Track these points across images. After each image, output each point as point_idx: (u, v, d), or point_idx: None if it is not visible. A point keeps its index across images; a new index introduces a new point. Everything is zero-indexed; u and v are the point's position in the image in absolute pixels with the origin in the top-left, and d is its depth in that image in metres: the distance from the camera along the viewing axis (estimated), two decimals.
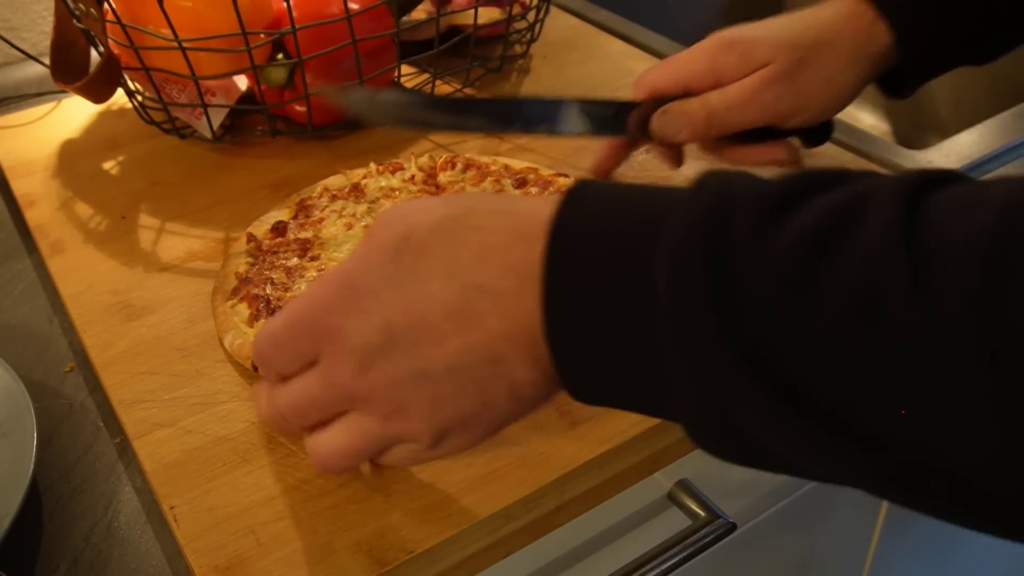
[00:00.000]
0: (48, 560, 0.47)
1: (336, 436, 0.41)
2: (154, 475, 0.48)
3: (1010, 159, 0.72)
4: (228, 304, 0.57)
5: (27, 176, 0.74)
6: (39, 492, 0.50)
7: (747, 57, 0.56)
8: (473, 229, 0.37)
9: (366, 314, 0.38)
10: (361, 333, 0.38)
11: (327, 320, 0.39)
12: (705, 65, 0.57)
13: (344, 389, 0.39)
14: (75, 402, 0.56)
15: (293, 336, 0.40)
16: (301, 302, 0.40)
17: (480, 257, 0.37)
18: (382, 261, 0.38)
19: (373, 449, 0.40)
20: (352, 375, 0.38)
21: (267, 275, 0.58)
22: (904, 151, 0.72)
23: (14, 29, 0.94)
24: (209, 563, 0.44)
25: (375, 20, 0.72)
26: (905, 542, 0.85)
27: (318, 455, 0.41)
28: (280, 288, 0.56)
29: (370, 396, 0.38)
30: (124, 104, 0.81)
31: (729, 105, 0.56)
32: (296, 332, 0.40)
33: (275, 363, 0.41)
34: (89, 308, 0.60)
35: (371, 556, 0.44)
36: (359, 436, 0.40)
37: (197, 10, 0.67)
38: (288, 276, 0.57)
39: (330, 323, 0.39)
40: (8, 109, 0.84)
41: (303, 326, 0.40)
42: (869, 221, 0.29)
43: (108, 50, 0.69)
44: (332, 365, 0.39)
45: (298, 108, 0.74)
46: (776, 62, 0.56)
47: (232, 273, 0.59)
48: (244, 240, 0.62)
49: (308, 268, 0.58)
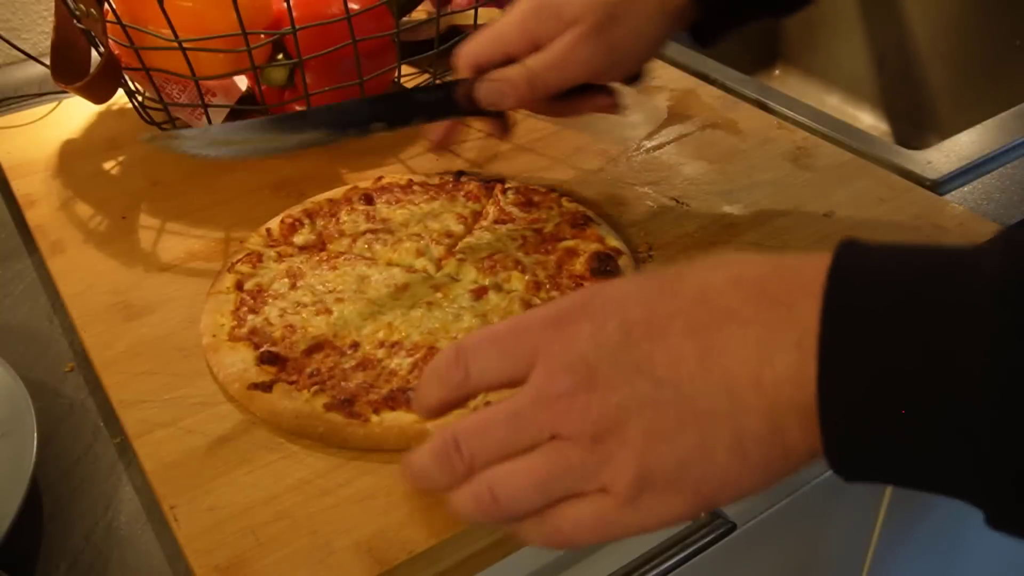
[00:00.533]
0: (48, 560, 0.47)
1: (529, 461, 0.37)
2: (154, 475, 0.48)
3: (1010, 159, 0.72)
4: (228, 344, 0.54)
5: (27, 176, 0.74)
6: (39, 492, 0.50)
7: (557, 18, 0.57)
8: (738, 262, 0.37)
9: (604, 315, 0.36)
10: (593, 335, 0.36)
11: (561, 320, 0.37)
12: (519, 31, 0.58)
13: (556, 403, 0.36)
14: (75, 402, 0.56)
15: (515, 334, 0.38)
16: (531, 312, 0.39)
17: (736, 284, 0.35)
18: (636, 280, 0.38)
19: (563, 482, 0.36)
20: (571, 385, 0.36)
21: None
22: (904, 151, 0.72)
23: (14, 29, 0.94)
24: (209, 563, 0.44)
25: (375, 20, 0.72)
26: (905, 542, 0.85)
27: (497, 481, 0.37)
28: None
29: (585, 411, 0.36)
30: (124, 104, 0.81)
31: (548, 66, 0.57)
32: (519, 330, 0.38)
33: (477, 359, 0.39)
34: (89, 308, 0.60)
35: (371, 556, 0.44)
36: (554, 461, 0.36)
37: (197, 10, 0.67)
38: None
39: (562, 323, 0.37)
40: (8, 109, 0.84)
41: (537, 322, 0.38)
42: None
43: (108, 50, 0.69)
44: (550, 372, 0.37)
45: (298, 108, 0.74)
46: (585, 20, 0.56)
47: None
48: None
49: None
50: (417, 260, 0.60)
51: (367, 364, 0.52)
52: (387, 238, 0.62)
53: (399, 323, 0.54)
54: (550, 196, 0.66)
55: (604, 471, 0.36)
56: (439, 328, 0.54)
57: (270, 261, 0.60)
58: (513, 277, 0.58)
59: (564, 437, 0.36)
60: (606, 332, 0.36)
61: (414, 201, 0.66)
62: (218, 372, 0.53)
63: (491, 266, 0.59)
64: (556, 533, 0.37)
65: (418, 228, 0.63)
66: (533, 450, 0.37)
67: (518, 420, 0.37)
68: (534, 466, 0.37)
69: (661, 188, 0.69)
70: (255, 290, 0.57)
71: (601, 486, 0.36)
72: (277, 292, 0.57)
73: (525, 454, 0.37)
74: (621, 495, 0.36)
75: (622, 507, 0.36)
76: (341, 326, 0.54)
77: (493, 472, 0.38)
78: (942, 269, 0.32)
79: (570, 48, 0.57)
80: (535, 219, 0.64)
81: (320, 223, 0.63)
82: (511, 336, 0.39)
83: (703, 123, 0.76)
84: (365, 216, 0.64)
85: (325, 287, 0.57)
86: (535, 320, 0.39)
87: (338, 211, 0.65)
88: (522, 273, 0.58)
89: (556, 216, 0.64)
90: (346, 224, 0.63)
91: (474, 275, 0.59)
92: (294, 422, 0.49)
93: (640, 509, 0.36)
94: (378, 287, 0.57)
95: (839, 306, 0.33)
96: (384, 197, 0.66)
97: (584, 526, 0.37)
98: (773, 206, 0.66)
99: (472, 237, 0.62)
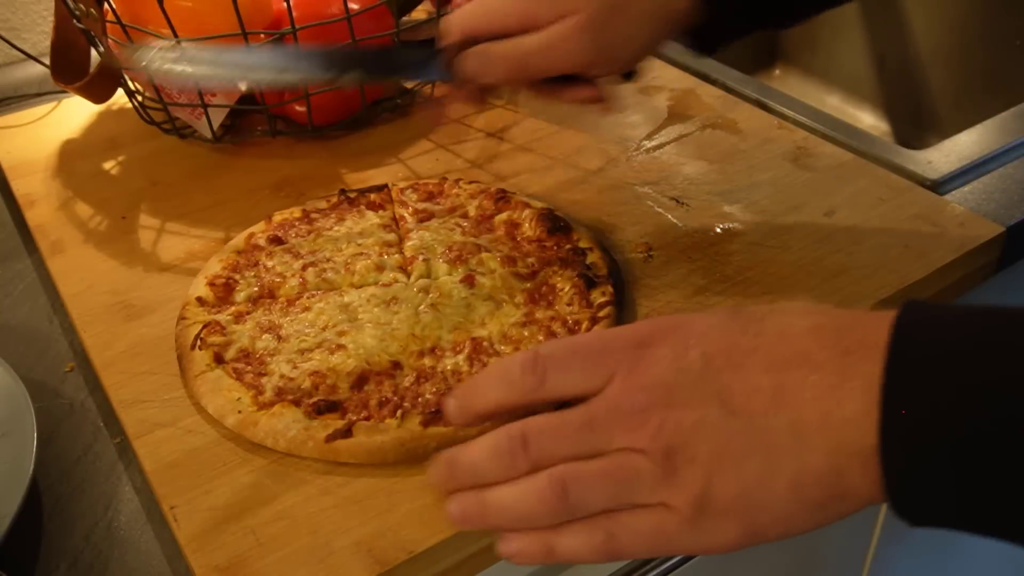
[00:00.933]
0: (48, 560, 0.47)
1: (601, 462, 0.38)
2: (154, 475, 0.48)
3: (1010, 159, 0.72)
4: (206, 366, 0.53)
5: (27, 176, 0.74)
6: (39, 492, 0.50)
7: (558, 4, 0.56)
8: (819, 312, 0.39)
9: (685, 344, 0.38)
10: (674, 360, 0.38)
11: (643, 343, 0.39)
12: (516, 8, 0.57)
13: (630, 417, 0.38)
14: (75, 402, 0.56)
15: (599, 351, 0.40)
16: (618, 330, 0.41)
17: (816, 331, 0.37)
18: (718, 315, 0.40)
19: (631, 487, 0.38)
20: (647, 402, 0.38)
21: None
22: (904, 151, 0.72)
23: (14, 29, 0.94)
24: (209, 563, 0.44)
25: (375, 20, 0.72)
26: (905, 542, 0.85)
27: (570, 475, 0.38)
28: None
29: (660, 427, 0.37)
30: (124, 104, 0.81)
31: (538, 50, 0.56)
32: (603, 347, 0.40)
33: (557, 368, 0.40)
34: (89, 308, 0.60)
35: (371, 556, 0.44)
36: (624, 466, 0.38)
37: (197, 10, 0.67)
38: None
39: (644, 345, 0.39)
40: (8, 109, 0.84)
41: (619, 342, 0.40)
42: None
43: (108, 50, 0.69)
44: (627, 389, 0.38)
45: (298, 108, 0.74)
46: (584, 10, 0.56)
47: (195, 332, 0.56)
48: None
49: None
50: (382, 275, 0.59)
51: (424, 375, 0.51)
52: (331, 266, 0.60)
53: (420, 332, 0.54)
54: (444, 183, 0.68)
55: (669, 486, 0.37)
56: (462, 322, 0.55)
57: (231, 324, 0.56)
58: (484, 259, 0.59)
59: (635, 450, 0.38)
60: (687, 359, 0.38)
61: (325, 227, 0.64)
62: (276, 442, 0.49)
63: (457, 256, 0.59)
64: (610, 540, 0.38)
65: (352, 248, 0.61)
66: (602, 456, 0.38)
67: (592, 426, 0.39)
68: (606, 467, 0.38)
69: (661, 188, 0.69)
70: (241, 356, 0.54)
71: (664, 501, 0.37)
72: (268, 349, 0.54)
73: (595, 458, 0.39)
74: (682, 512, 0.37)
75: (681, 524, 0.37)
76: (367, 354, 0.53)
77: (565, 468, 0.39)
78: (998, 319, 0.35)
79: (563, 36, 0.56)
80: (452, 207, 0.65)
81: (250, 275, 0.60)
82: (595, 352, 0.40)
83: (703, 123, 0.76)
84: (290, 255, 0.61)
85: (316, 327, 0.55)
86: (619, 339, 0.40)
87: (257, 259, 0.61)
88: (488, 252, 0.59)
89: (466, 198, 0.66)
90: (278, 267, 0.60)
91: (447, 269, 0.59)
92: (401, 451, 0.48)
93: (697, 529, 0.37)
94: (368, 309, 0.56)
95: (900, 355, 0.35)
96: (291, 232, 0.63)
97: (642, 536, 0.38)
98: (773, 206, 0.66)
99: (412, 240, 0.62)
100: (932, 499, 0.35)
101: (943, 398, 0.34)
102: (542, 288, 0.57)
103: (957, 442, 0.33)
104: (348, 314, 0.56)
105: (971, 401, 0.33)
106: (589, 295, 0.56)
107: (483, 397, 0.43)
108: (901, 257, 0.60)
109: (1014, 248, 0.64)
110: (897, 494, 0.35)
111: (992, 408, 0.33)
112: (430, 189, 0.67)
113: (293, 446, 0.48)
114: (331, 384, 0.51)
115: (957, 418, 0.33)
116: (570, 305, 0.55)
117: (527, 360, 0.41)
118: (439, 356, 0.53)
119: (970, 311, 0.36)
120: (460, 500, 0.41)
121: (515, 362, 0.41)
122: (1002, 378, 0.33)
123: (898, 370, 0.34)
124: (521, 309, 0.55)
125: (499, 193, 0.65)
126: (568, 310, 0.55)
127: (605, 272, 0.58)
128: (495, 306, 0.56)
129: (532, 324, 0.54)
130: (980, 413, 0.33)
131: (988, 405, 0.33)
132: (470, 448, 0.41)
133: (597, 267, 0.58)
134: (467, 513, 0.41)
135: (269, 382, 0.52)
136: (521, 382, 0.41)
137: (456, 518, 0.41)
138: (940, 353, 0.35)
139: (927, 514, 0.35)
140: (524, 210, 0.64)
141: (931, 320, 0.36)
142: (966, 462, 0.33)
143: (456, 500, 0.41)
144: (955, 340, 0.35)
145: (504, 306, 0.56)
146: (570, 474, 0.38)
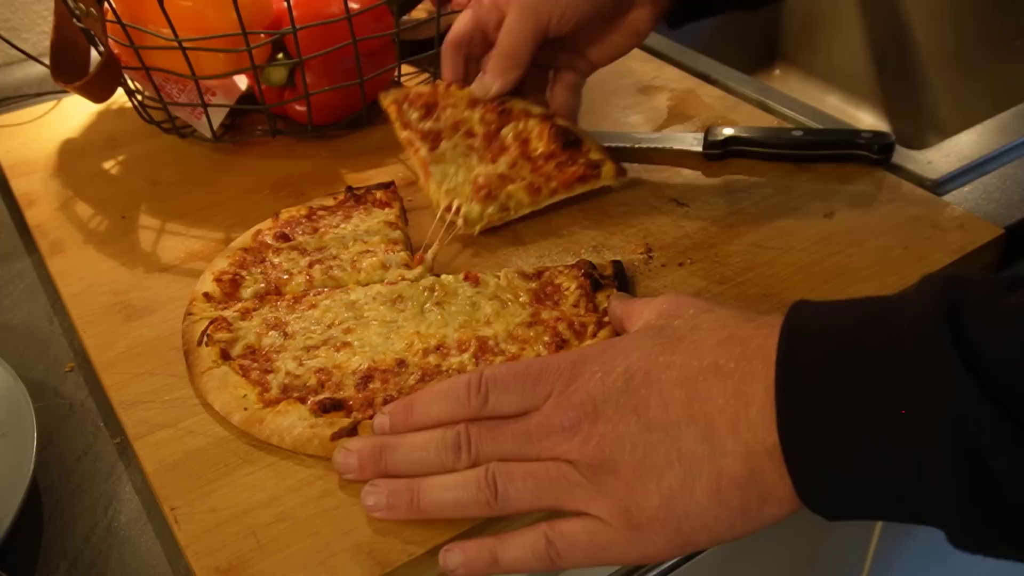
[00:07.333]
0: (48, 560, 0.47)
1: (532, 464, 0.42)
2: (155, 476, 0.48)
3: (1010, 159, 0.72)
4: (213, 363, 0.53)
5: (27, 176, 0.74)
6: (39, 492, 0.50)
7: None
8: (734, 325, 0.41)
9: (613, 362, 0.41)
10: (601, 379, 0.41)
11: (577, 363, 0.42)
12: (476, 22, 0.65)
13: (561, 432, 0.41)
14: (75, 402, 0.56)
15: (537, 375, 0.43)
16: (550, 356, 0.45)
17: (724, 343, 0.40)
18: (644, 335, 0.43)
19: (559, 489, 0.41)
20: (577, 418, 0.41)
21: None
22: (904, 151, 0.72)
23: (14, 29, 0.94)
24: (210, 564, 0.44)
25: (375, 20, 0.72)
26: (905, 543, 0.85)
27: (500, 471, 0.42)
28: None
29: (585, 441, 0.40)
30: (124, 104, 0.81)
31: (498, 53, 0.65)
32: (542, 371, 0.43)
33: (498, 390, 0.43)
34: (89, 308, 0.59)
35: (372, 558, 0.44)
36: (553, 469, 0.41)
37: (197, 10, 0.67)
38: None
39: (578, 364, 0.42)
40: (8, 109, 0.84)
41: (556, 363, 0.43)
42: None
43: (108, 50, 0.69)
44: (561, 407, 0.41)
45: (298, 108, 0.74)
46: None
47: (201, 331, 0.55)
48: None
49: None
50: (388, 272, 0.59)
51: (429, 373, 0.51)
52: (338, 263, 0.60)
53: (424, 330, 0.54)
54: (436, 89, 0.69)
55: (597, 496, 0.40)
56: (467, 320, 0.55)
57: (237, 321, 0.56)
58: (512, 191, 0.61)
59: (566, 460, 0.41)
60: (612, 377, 0.41)
61: (331, 224, 0.64)
62: (281, 440, 0.49)
63: (487, 194, 0.62)
64: (550, 547, 0.41)
65: (358, 246, 0.61)
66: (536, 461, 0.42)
67: (527, 437, 0.42)
68: (535, 468, 0.42)
69: (661, 188, 0.69)
70: (248, 352, 0.54)
71: (594, 512, 0.40)
72: (275, 346, 0.54)
73: (537, 462, 0.42)
74: (611, 523, 0.39)
75: (613, 534, 0.40)
76: (372, 352, 0.53)
77: (498, 464, 0.42)
78: (874, 307, 0.37)
79: (506, 26, 0.63)
80: (455, 123, 0.68)
81: (257, 271, 0.60)
82: (534, 376, 0.43)
83: (703, 123, 0.76)
84: (297, 252, 0.61)
85: (322, 324, 0.55)
86: (555, 364, 0.43)
87: (264, 256, 0.61)
88: (513, 183, 0.62)
89: (464, 108, 0.68)
90: (285, 264, 0.60)
91: (479, 210, 0.62)
92: None
93: (628, 539, 0.39)
94: (374, 307, 0.56)
95: (786, 353, 0.37)
96: (298, 229, 0.63)
97: (579, 545, 0.40)
98: (773, 206, 0.66)
99: (435, 175, 0.65)
100: (836, 491, 0.36)
101: (827, 391, 0.35)
102: (547, 288, 0.57)
103: (849, 433, 0.35)
104: (354, 312, 0.56)
105: (849, 392, 0.35)
106: (595, 297, 0.56)
107: (424, 412, 0.45)
108: (901, 259, 0.60)
109: (1013, 249, 0.64)
110: (804, 489, 0.36)
111: (868, 395, 0.34)
112: (425, 100, 0.69)
113: (298, 444, 0.48)
114: (337, 381, 0.51)
115: (845, 407, 0.35)
116: (576, 306, 0.55)
117: (473, 381, 0.44)
118: (444, 354, 0.53)
119: (850, 304, 0.38)
120: (389, 486, 0.44)
121: (460, 382, 0.45)
122: (869, 370, 0.35)
123: (785, 367, 0.36)
124: (527, 309, 0.55)
125: (499, 106, 0.67)
126: (574, 311, 0.55)
127: (610, 273, 0.58)
128: (500, 305, 0.56)
129: (538, 324, 0.54)
130: (858, 402, 0.35)
131: (864, 393, 0.35)
132: (411, 440, 0.45)
133: (603, 267, 0.58)
134: (396, 501, 0.43)
135: (275, 379, 0.52)
136: (466, 400, 0.44)
137: (382, 505, 0.44)
138: (821, 349, 0.36)
139: (837, 507, 0.36)
140: (528, 120, 0.66)
141: (815, 315, 0.38)
142: (855, 451, 0.34)
143: (384, 486, 0.44)
144: (835, 335, 0.36)
145: (509, 305, 0.56)
146: (502, 469, 0.42)
